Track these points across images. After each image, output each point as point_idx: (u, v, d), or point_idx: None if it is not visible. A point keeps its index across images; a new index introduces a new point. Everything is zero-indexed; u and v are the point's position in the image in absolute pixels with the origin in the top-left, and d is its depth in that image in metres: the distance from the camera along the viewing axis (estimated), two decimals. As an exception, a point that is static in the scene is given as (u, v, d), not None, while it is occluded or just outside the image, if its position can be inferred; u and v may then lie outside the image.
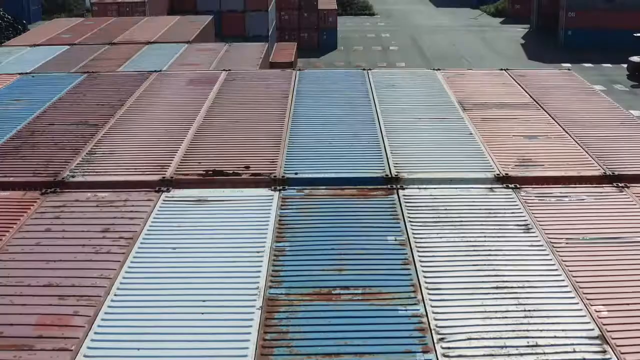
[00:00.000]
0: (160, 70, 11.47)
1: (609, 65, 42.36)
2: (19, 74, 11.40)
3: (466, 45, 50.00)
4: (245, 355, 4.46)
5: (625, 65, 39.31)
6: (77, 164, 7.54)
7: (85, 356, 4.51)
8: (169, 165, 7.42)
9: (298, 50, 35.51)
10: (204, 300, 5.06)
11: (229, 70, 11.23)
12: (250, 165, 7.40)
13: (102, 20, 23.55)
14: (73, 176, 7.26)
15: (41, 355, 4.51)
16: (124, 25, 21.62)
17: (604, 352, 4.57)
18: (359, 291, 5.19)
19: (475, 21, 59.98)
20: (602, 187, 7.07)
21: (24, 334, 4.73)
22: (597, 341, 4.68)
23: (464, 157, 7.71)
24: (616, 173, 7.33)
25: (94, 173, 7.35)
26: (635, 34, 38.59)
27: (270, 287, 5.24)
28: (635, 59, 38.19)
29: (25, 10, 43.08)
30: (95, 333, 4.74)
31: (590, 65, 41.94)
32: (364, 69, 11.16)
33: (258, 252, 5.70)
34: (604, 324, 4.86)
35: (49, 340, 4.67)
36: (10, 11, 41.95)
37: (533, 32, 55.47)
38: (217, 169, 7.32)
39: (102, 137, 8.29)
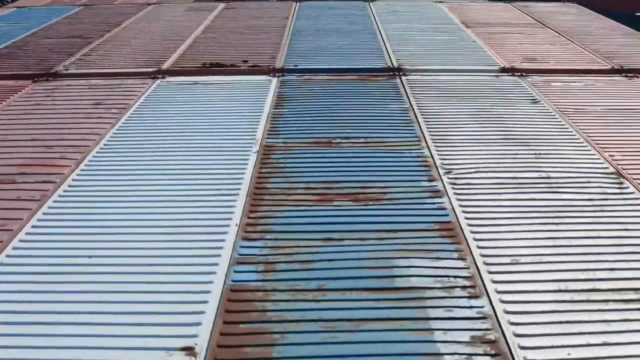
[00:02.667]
0: (158, 3, 11.37)
1: (612, 52, 42.27)
2: (16, 7, 11.29)
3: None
4: (240, 184, 4.25)
5: (628, 50, 39.18)
6: (72, 62, 7.39)
7: (69, 186, 4.29)
8: (165, 61, 7.26)
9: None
10: (198, 149, 4.86)
11: (229, 1, 11.11)
12: (249, 60, 7.26)
13: (102, -8, 23.42)
14: (67, 69, 7.08)
15: (23, 186, 4.28)
16: (124, -7, 21.48)
17: (621, 184, 4.35)
18: (361, 140, 4.98)
19: (478, 13, 59.79)
20: (612, 76, 6.91)
21: (6, 172, 4.49)
22: (613, 176, 4.45)
23: (468, 54, 7.50)
24: (625, 67, 7.18)
25: (89, 67, 7.19)
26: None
27: (268, 138, 5.04)
28: (638, 42, 38.01)
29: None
30: (82, 170, 4.51)
31: (593, 52, 41.81)
32: (365, 0, 11.07)
33: (256, 115, 5.51)
34: (618, 164, 4.65)
35: (33, 176, 4.42)
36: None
37: (535, 24, 55.31)
38: (214, 62, 7.18)
39: (97, 45, 8.16)
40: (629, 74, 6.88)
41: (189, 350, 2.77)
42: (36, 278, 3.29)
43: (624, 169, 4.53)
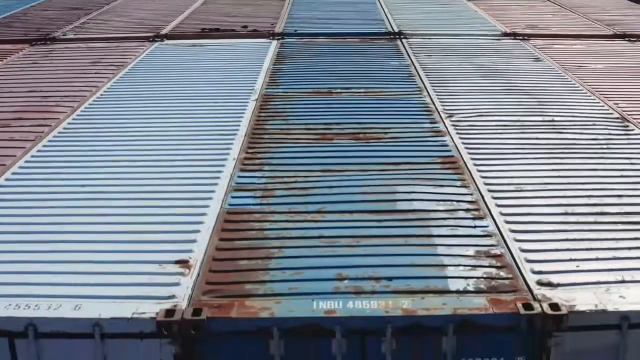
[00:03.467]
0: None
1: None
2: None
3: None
4: (238, 126, 4.15)
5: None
6: (70, 29, 7.32)
7: (65, 128, 4.20)
8: (164, 27, 7.17)
9: None
10: (196, 97, 4.76)
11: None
12: (249, 26, 7.18)
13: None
14: (64, 34, 7.02)
15: (18, 129, 4.18)
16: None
17: (626, 126, 4.26)
18: (362, 90, 4.90)
19: None
20: (614, 40, 6.83)
21: (1, 117, 4.45)
22: (618, 120, 4.36)
23: (469, 21, 7.45)
24: (627, 33, 7.10)
25: (87, 33, 7.12)
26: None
27: (267, 88, 4.95)
28: None
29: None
30: (78, 115, 4.43)
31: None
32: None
33: (255, 70, 5.41)
34: (624, 111, 4.56)
35: (28, 121, 4.34)
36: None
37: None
38: (213, 28, 7.10)
39: (96, 15, 8.08)
40: (631, 39, 6.83)
41: (184, 262, 2.67)
42: (32, 204, 3.19)
43: (629, 115, 4.47)
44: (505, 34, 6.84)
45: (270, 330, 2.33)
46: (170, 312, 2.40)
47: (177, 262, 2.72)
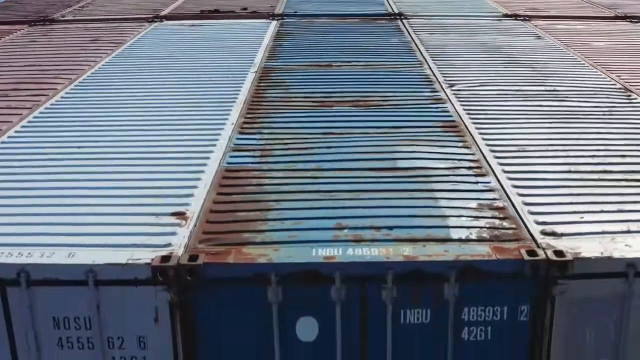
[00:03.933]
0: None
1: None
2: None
3: None
4: (237, 94, 4.11)
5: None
6: (69, 11, 7.29)
7: (62, 97, 4.14)
8: (163, 9, 7.13)
9: None
10: (195, 69, 4.71)
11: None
12: (248, 8, 7.14)
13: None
14: (63, 16, 6.98)
15: (16, 98, 4.14)
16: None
17: (629, 96, 4.22)
18: (362, 64, 4.85)
19: None
20: (615, 22, 6.78)
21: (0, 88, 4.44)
22: (621, 90, 4.32)
23: (469, 3, 7.39)
24: (629, 15, 7.06)
25: (86, 15, 7.08)
26: None
27: (267, 62, 4.90)
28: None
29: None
30: (76, 85, 4.37)
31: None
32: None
33: (254, 46, 5.37)
34: (626, 82, 4.52)
35: (26, 91, 4.30)
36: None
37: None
38: (213, 9, 7.06)
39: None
40: (632, 20, 6.79)
41: (180, 215, 2.62)
42: (28, 163, 3.15)
43: (631, 86, 4.43)
44: (506, 16, 6.83)
45: (268, 277, 2.28)
46: (165, 258, 2.34)
47: (173, 214, 2.68)
